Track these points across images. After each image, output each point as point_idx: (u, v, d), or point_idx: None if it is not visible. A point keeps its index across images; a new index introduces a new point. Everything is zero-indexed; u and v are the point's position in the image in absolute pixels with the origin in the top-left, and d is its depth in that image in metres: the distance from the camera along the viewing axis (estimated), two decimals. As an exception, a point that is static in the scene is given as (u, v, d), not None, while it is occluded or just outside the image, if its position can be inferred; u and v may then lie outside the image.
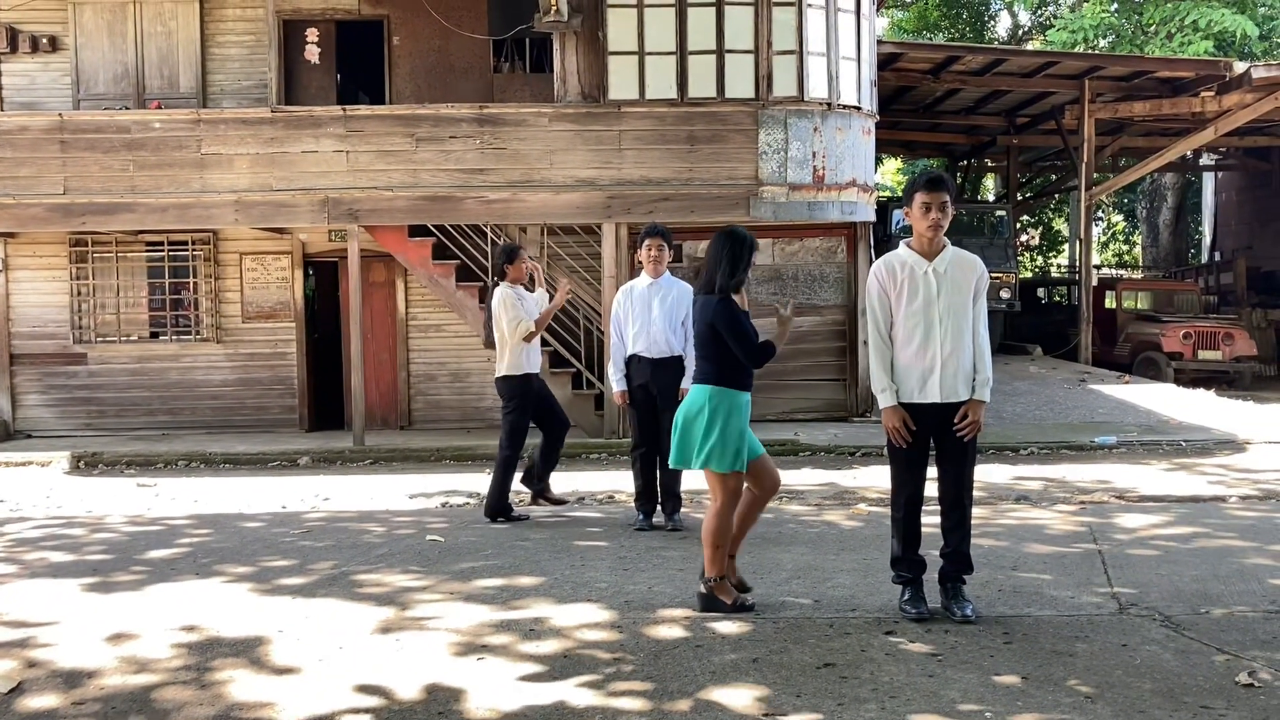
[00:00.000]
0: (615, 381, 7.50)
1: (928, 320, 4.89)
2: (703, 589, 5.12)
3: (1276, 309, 21.55)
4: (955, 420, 4.87)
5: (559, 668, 4.37)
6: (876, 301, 5.01)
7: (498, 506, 7.74)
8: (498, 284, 7.86)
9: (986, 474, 9.58)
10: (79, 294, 13.94)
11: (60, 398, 13.91)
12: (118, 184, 12.54)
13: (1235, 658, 4.33)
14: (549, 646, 4.64)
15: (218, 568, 6.29)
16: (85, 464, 11.87)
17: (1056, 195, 29.47)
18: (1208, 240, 28.85)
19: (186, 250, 13.91)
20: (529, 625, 4.96)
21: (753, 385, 5.27)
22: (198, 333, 13.97)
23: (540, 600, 5.40)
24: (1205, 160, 26.11)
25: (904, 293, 4.93)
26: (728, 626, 4.86)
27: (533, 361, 7.89)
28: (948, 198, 4.88)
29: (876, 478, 9.60)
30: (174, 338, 14.00)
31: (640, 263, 7.52)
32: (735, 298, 5.20)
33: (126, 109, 13.45)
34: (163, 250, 13.90)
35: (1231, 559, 6.03)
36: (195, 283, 13.95)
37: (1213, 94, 17.53)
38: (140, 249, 13.94)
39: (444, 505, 8.86)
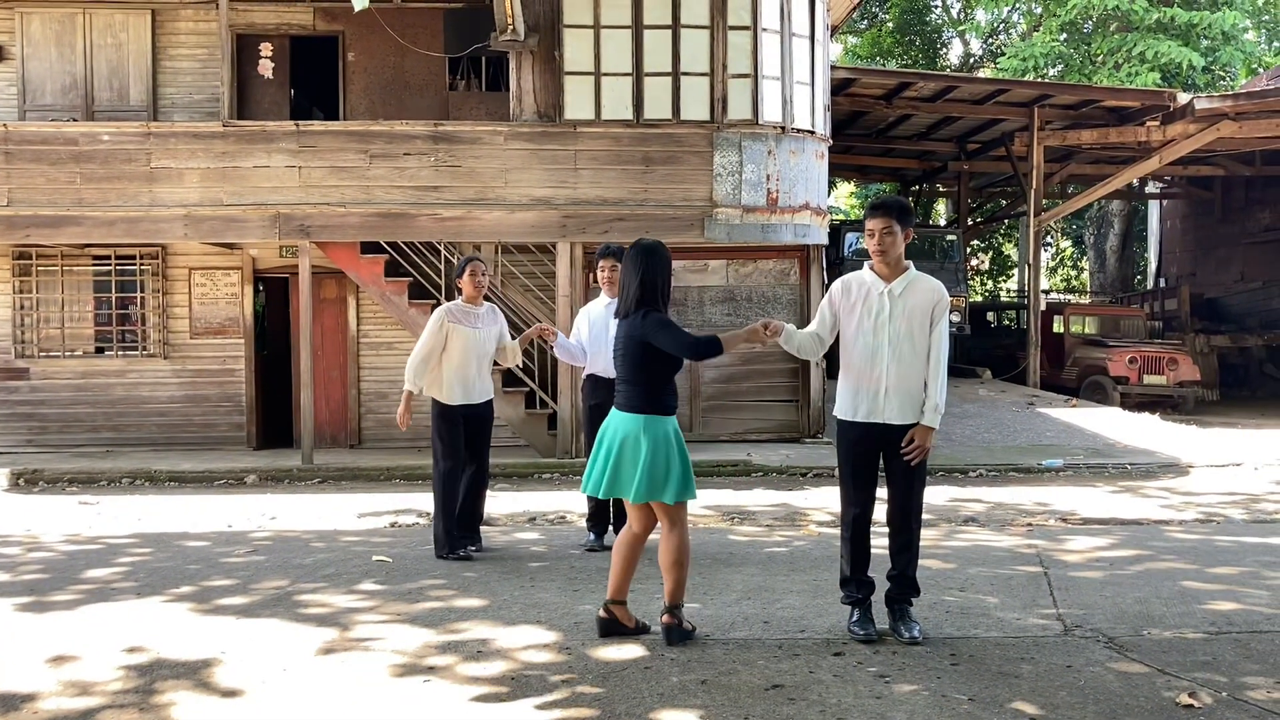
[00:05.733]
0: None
1: (876, 341, 4.94)
2: (678, 621, 4.97)
3: (1219, 335, 21.99)
4: (902, 444, 4.90)
5: (505, 690, 4.32)
6: (826, 308, 5.15)
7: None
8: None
9: (935, 496, 9.65)
10: (22, 308, 13.68)
11: (1, 413, 13.61)
12: (64, 196, 12.34)
13: (1176, 679, 4.38)
14: (495, 668, 4.59)
15: (159, 588, 6.17)
16: (25, 481, 11.61)
17: (1006, 220, 29.92)
18: (1153, 266, 29.40)
19: (134, 265, 13.71)
20: (475, 647, 4.90)
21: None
22: (144, 348, 13.75)
23: (488, 622, 5.35)
24: (1151, 188, 26.63)
25: (857, 310, 5.00)
26: (677, 649, 4.83)
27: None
28: (892, 222, 4.95)
29: (828, 499, 9.64)
30: (120, 353, 13.77)
31: (597, 283, 7.51)
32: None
33: (74, 120, 13.26)
34: (109, 264, 13.69)
35: (1173, 581, 6.11)
36: (142, 298, 13.74)
37: (1158, 124, 17.91)
38: (86, 263, 13.72)
39: (393, 525, 8.77)
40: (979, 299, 31.89)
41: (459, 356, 7.01)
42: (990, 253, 36.46)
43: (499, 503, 9.92)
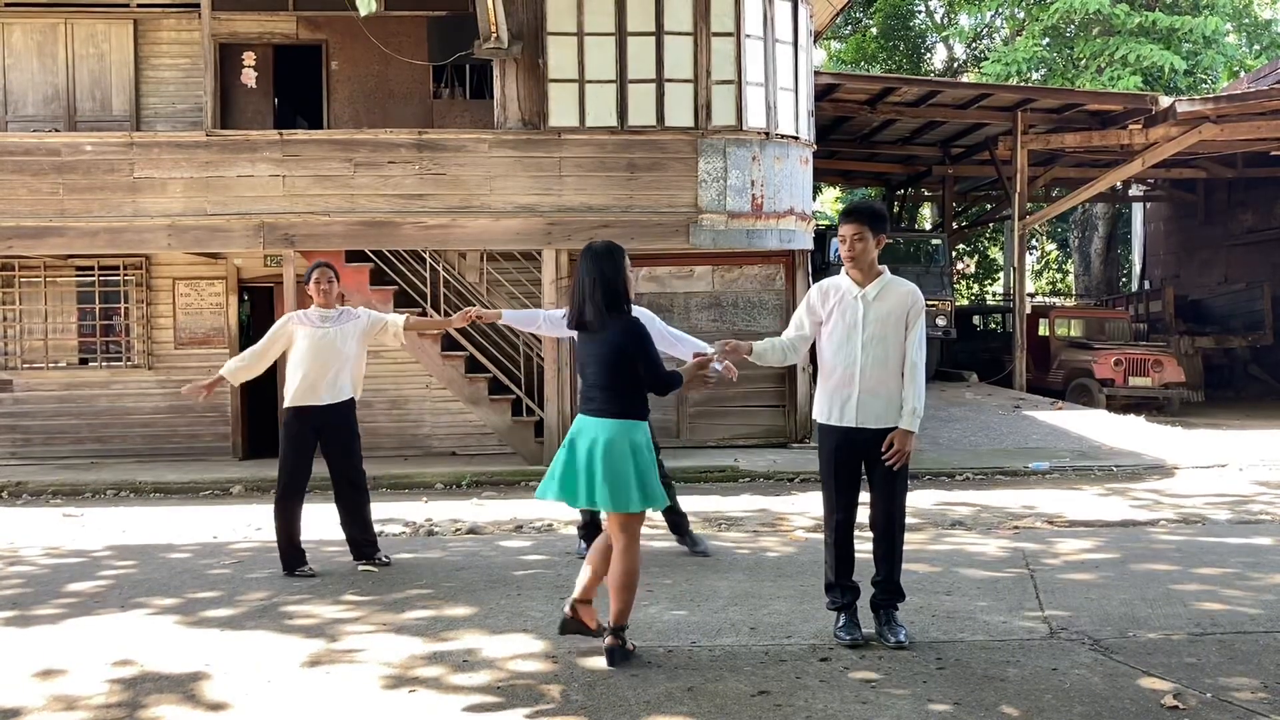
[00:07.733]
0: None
1: (850, 345, 4.96)
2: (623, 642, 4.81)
3: (1203, 336, 22.09)
4: (882, 449, 4.91)
5: (492, 700, 4.31)
6: (804, 313, 5.18)
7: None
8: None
9: (922, 499, 9.67)
10: (5, 319, 13.61)
11: (-16, 426, 13.54)
12: (46, 207, 12.29)
13: (1161, 680, 4.39)
14: (482, 678, 4.58)
15: (143, 600, 6.14)
16: (9, 494, 11.54)
17: (991, 224, 30.02)
18: (1137, 269, 29.52)
19: (118, 275, 13.65)
20: (462, 656, 4.89)
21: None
22: (129, 359, 13.69)
23: (474, 631, 5.33)
24: (1134, 191, 26.75)
25: (833, 315, 5.02)
26: (663, 655, 4.83)
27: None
28: (863, 228, 4.97)
29: (814, 504, 9.64)
30: (104, 364, 13.70)
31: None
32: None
33: (57, 131, 13.21)
34: (93, 275, 13.62)
35: (1159, 583, 6.13)
36: (126, 308, 13.69)
37: (1140, 127, 17.97)
38: (70, 274, 13.66)
39: (378, 534, 8.71)
40: (965, 303, 31.97)
41: (306, 357, 7.09)
42: (976, 256, 36.59)
43: (486, 511, 9.91)
